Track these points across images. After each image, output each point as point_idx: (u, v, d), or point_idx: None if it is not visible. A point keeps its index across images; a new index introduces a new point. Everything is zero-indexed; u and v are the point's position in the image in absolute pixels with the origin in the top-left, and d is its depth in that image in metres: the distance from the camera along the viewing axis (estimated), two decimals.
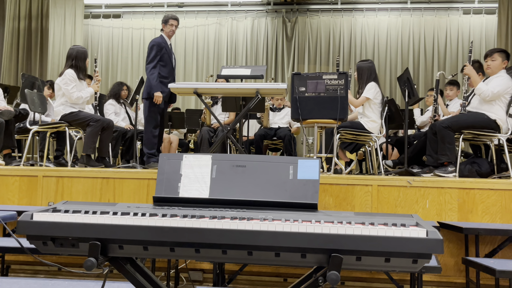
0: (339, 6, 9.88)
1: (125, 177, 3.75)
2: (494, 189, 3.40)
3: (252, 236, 1.54)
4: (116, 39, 10.45)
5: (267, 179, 1.90)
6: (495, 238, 3.32)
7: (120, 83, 6.51)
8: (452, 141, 4.25)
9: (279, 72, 9.98)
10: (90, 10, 10.38)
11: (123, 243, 1.60)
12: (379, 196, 3.49)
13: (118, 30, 10.46)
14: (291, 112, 4.62)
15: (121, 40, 10.44)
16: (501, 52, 4.42)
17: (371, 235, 1.51)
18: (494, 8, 9.12)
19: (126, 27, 10.46)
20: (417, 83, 9.27)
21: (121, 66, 10.42)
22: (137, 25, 10.43)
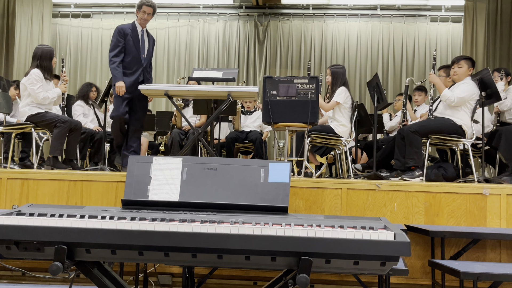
0: (310, 11, 9.98)
1: (93, 180, 3.68)
2: (459, 192, 3.49)
3: (223, 240, 1.53)
4: (86, 39, 10.27)
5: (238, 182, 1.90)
6: (460, 241, 3.40)
7: (89, 84, 6.40)
8: (419, 146, 4.34)
9: (251, 75, 10.00)
10: (59, 9, 10.17)
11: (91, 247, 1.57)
12: (348, 199, 3.53)
13: (87, 30, 10.28)
14: (262, 115, 4.63)
15: (91, 41, 10.26)
16: (467, 60, 4.54)
17: (340, 238, 1.53)
18: (460, 16, 9.39)
19: (95, 27, 10.29)
20: (386, 88, 9.44)
21: (90, 67, 10.24)
22: (107, 26, 10.27)
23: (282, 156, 7.56)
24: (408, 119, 5.57)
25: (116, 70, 4.76)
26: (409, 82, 5.51)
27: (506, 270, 2.67)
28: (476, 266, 2.77)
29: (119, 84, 4.73)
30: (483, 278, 2.55)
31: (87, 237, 1.55)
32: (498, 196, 3.45)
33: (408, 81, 5.51)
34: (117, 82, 4.74)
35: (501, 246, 3.39)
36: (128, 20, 10.17)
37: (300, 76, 6.49)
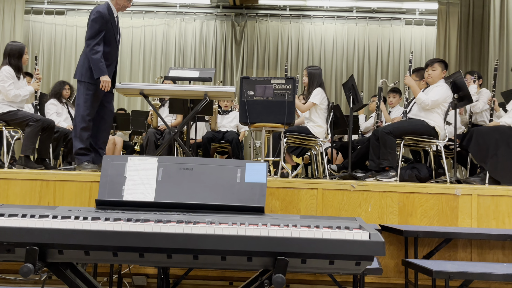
0: (287, 12, 10.03)
1: (66, 180, 3.62)
2: (432, 193, 3.55)
3: (198, 240, 1.53)
4: (59, 37, 10.09)
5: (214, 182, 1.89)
6: (433, 240, 3.46)
7: (62, 82, 6.28)
8: (394, 147, 4.40)
9: (228, 75, 9.99)
10: (32, 5, 9.97)
11: (63, 248, 1.54)
12: (324, 200, 3.56)
13: (61, 28, 10.10)
14: (239, 115, 4.63)
15: (65, 38, 10.09)
16: (440, 62, 4.63)
17: (316, 238, 1.54)
18: (434, 20, 9.57)
19: (70, 25, 10.12)
20: (361, 90, 9.55)
21: (64, 65, 10.06)
22: (82, 23, 10.10)
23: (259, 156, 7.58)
24: (382, 120, 5.64)
25: (101, 62, 4.14)
26: (383, 83, 5.59)
27: (476, 268, 2.73)
28: (448, 265, 2.82)
29: (106, 79, 4.15)
30: (455, 276, 2.61)
31: (60, 238, 1.52)
32: (470, 196, 3.53)
33: (381, 82, 5.59)
34: (102, 76, 4.14)
35: (472, 246, 3.47)
36: None
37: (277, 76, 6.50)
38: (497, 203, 3.52)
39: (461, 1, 8.64)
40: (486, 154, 4.27)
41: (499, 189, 3.61)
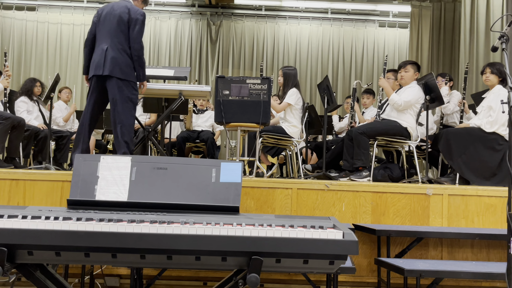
0: (263, 12, 10.05)
1: (37, 179, 3.54)
2: (404, 193, 3.61)
3: (172, 240, 1.51)
4: (30, 33, 9.87)
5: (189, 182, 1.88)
6: (405, 239, 3.52)
7: (32, 79, 6.14)
8: (367, 147, 4.46)
9: (203, 74, 9.95)
10: (1, 0, 9.72)
11: (33, 249, 1.51)
12: (299, 199, 3.58)
13: (32, 24, 9.88)
14: (214, 115, 4.62)
15: (36, 35, 9.87)
16: (413, 64, 4.72)
17: (290, 237, 1.54)
18: (407, 22, 9.73)
19: (41, 21, 9.90)
20: (335, 90, 9.65)
21: (35, 62, 9.84)
22: (54, 20, 9.91)
23: (234, 156, 7.57)
24: (356, 120, 5.71)
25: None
26: (357, 84, 5.66)
27: (447, 267, 2.79)
28: (419, 263, 2.88)
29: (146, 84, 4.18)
30: (426, 275, 2.66)
31: (30, 239, 1.49)
32: (440, 196, 3.60)
33: (356, 83, 5.65)
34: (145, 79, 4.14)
35: (443, 244, 3.54)
36: (76, 14, 9.88)
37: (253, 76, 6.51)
38: (466, 203, 3.61)
39: (433, 5, 8.82)
40: (455, 153, 4.37)
41: (468, 189, 3.70)
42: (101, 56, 3.99)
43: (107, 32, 4.02)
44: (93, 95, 4.10)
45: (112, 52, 3.98)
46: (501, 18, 6.20)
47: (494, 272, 2.70)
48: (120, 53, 4.00)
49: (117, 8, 4.07)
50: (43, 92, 6.01)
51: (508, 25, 2.70)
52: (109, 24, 4.03)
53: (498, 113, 4.33)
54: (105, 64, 3.96)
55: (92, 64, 4.06)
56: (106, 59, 3.97)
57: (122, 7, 4.07)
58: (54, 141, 5.81)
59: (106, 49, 3.98)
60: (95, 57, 4.04)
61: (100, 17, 4.10)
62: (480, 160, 4.32)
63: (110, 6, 4.13)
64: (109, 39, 4.00)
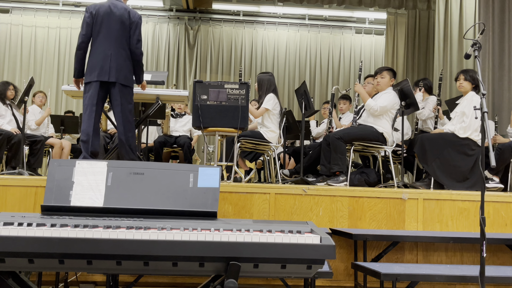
0: (241, 18, 10.07)
1: (10, 185, 3.47)
2: (380, 197, 3.65)
3: (149, 246, 1.50)
4: (4, 36, 9.67)
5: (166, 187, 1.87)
6: (381, 243, 3.55)
7: (5, 82, 6.01)
8: (344, 152, 4.50)
9: (181, 79, 9.90)
10: None
11: (5, 256, 1.48)
12: (276, 204, 3.58)
13: (5, 26, 9.69)
14: (192, 119, 4.60)
15: (9, 37, 9.68)
16: (389, 70, 4.79)
17: (268, 242, 1.54)
18: (383, 29, 9.89)
19: (15, 24, 9.72)
20: (313, 96, 9.73)
21: (8, 65, 9.65)
22: (28, 22, 9.74)
23: (212, 161, 7.54)
24: (333, 126, 5.76)
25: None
26: (335, 90, 5.71)
27: (422, 270, 2.83)
28: (395, 267, 2.91)
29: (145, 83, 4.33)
30: (402, 278, 2.69)
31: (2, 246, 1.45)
32: (416, 200, 3.65)
33: (334, 89, 5.71)
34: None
35: (418, 248, 3.59)
36: (51, 17, 9.73)
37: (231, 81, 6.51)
38: (441, 207, 3.67)
39: (408, 12, 8.98)
40: (430, 157, 4.45)
41: (443, 193, 3.76)
42: (105, 61, 3.91)
43: (109, 35, 3.95)
44: (97, 100, 3.97)
45: (118, 58, 3.95)
46: (473, 26, 6.36)
47: (468, 275, 2.75)
48: (124, 60, 3.99)
49: (115, 10, 3.99)
50: (17, 95, 5.88)
51: (480, 33, 2.77)
52: (110, 27, 3.96)
53: (471, 119, 4.43)
54: (110, 70, 3.91)
55: (92, 68, 3.93)
56: (111, 65, 3.92)
57: (121, 9, 4.01)
58: (28, 146, 5.70)
59: (110, 54, 3.92)
60: (97, 62, 3.93)
61: (97, 18, 3.97)
62: (453, 164, 4.40)
63: (106, 6, 4.00)
64: (112, 44, 3.95)
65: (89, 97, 3.94)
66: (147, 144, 5.96)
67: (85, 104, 3.99)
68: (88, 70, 3.96)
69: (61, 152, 6.26)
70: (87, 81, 3.97)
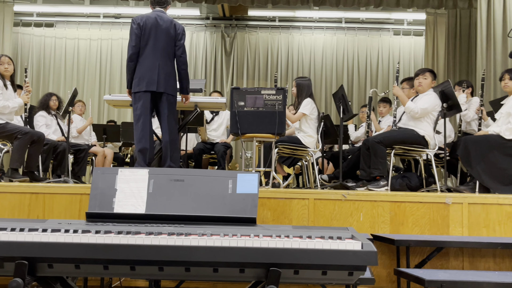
0: (277, 23, 10.09)
1: (56, 192, 3.58)
2: (423, 202, 3.56)
3: (190, 252, 1.51)
4: (49, 49, 10.06)
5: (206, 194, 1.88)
6: (424, 249, 3.46)
7: (49, 93, 6.24)
8: (384, 156, 4.42)
9: (218, 86, 10.00)
10: (21, 17, 9.93)
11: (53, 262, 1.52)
12: (316, 210, 3.55)
13: (50, 40, 10.07)
14: (230, 126, 4.63)
15: (54, 50, 10.06)
16: (431, 72, 4.68)
17: (308, 248, 1.53)
18: (422, 30, 9.68)
19: (59, 37, 10.09)
20: (351, 99, 9.62)
21: (53, 77, 10.02)
22: (71, 35, 10.09)
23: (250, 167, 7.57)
24: (373, 129, 5.67)
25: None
26: (373, 93, 5.63)
27: (468, 277, 2.73)
28: (440, 274, 2.83)
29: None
30: (447, 285, 2.61)
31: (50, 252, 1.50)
32: (460, 205, 3.54)
33: (371, 92, 5.63)
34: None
35: (464, 254, 3.48)
36: (93, 29, 10.04)
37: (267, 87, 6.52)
38: (487, 211, 3.54)
39: (448, 12, 8.76)
40: (474, 160, 4.31)
41: (489, 197, 3.63)
42: (153, 72, 4.02)
43: (156, 46, 4.07)
44: (147, 109, 4.08)
45: (165, 69, 4.07)
46: None
47: None
48: (170, 70, 4.12)
49: (161, 22, 4.11)
50: (61, 106, 6.10)
51: None
52: (157, 38, 4.08)
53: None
54: (159, 81, 4.03)
55: (141, 79, 4.04)
56: (159, 76, 4.04)
57: (167, 21, 4.14)
58: (72, 155, 5.88)
59: (158, 65, 4.04)
60: (145, 72, 4.04)
61: (145, 30, 4.09)
62: (499, 167, 4.25)
63: (153, 18, 4.12)
64: (159, 55, 4.06)
65: (140, 107, 4.05)
66: (187, 151, 6.04)
67: (137, 114, 4.10)
68: (137, 80, 4.07)
69: (103, 160, 6.43)
70: (136, 91, 4.07)
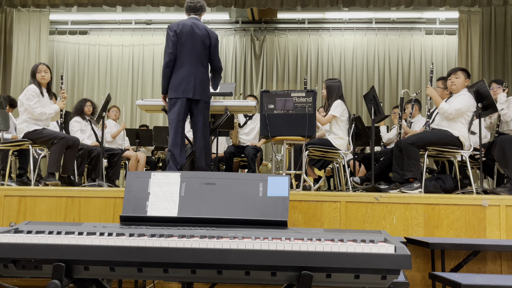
0: (306, 26, 10.06)
1: (91, 196, 3.67)
2: (458, 204, 3.48)
3: (222, 255, 1.52)
4: (83, 56, 10.31)
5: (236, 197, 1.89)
6: (460, 253, 3.38)
7: (83, 99, 6.39)
8: (417, 158, 4.34)
9: (248, 89, 10.03)
10: (56, 26, 10.22)
11: (89, 264, 1.56)
12: (348, 212, 3.52)
13: (84, 47, 10.33)
14: (260, 129, 4.64)
15: (88, 57, 10.31)
16: (464, 71, 4.57)
17: (340, 251, 1.52)
18: (455, 29, 9.47)
19: (92, 44, 10.34)
20: (382, 100, 9.49)
21: (87, 83, 10.27)
22: (104, 42, 10.32)
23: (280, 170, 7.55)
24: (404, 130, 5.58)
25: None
26: (405, 94, 5.54)
27: (507, 282, 2.65)
28: (477, 278, 2.75)
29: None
30: None
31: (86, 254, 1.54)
32: (497, 207, 3.44)
33: (403, 93, 5.54)
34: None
35: (502, 258, 3.38)
36: (125, 36, 10.25)
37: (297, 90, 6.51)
38: None
39: (482, 10, 8.54)
40: (511, 160, 4.19)
41: None
42: (189, 79, 4.13)
43: (192, 54, 4.16)
44: (182, 115, 4.18)
45: (200, 76, 4.18)
46: None
47: None
48: (205, 77, 4.24)
49: (197, 30, 4.21)
50: (95, 111, 6.24)
51: None
52: (193, 46, 4.18)
53: None
54: (195, 88, 4.14)
55: (178, 86, 4.13)
56: (196, 83, 4.14)
57: (202, 29, 4.24)
58: (106, 159, 6.01)
59: (194, 72, 4.14)
60: (181, 79, 4.13)
61: (181, 37, 4.17)
62: None
63: (189, 25, 4.21)
64: (194, 62, 4.16)
65: (176, 112, 4.14)
66: (217, 154, 6.08)
67: (172, 119, 4.18)
68: (173, 86, 4.15)
69: (136, 164, 6.54)
70: (173, 97, 4.16)
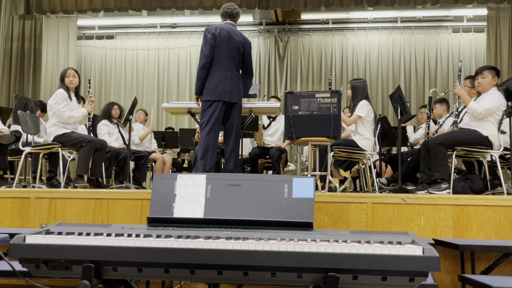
0: (330, 26, 10.00)
1: (119, 198, 3.73)
2: (488, 205, 3.41)
3: (248, 256, 1.53)
4: (109, 60, 10.49)
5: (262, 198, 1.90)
6: (491, 255, 3.31)
7: (110, 103, 6.51)
8: (445, 158, 4.27)
9: (272, 91, 10.03)
10: (83, 31, 10.43)
11: (117, 265, 1.58)
12: (374, 214, 3.48)
13: (111, 51, 10.51)
14: (284, 130, 4.63)
15: (114, 61, 10.48)
16: (490, 69, 4.47)
17: (367, 253, 1.50)
18: (483, 26, 9.27)
19: (119, 48, 10.51)
20: (409, 100, 9.35)
21: (114, 87, 10.44)
22: (130, 46, 10.48)
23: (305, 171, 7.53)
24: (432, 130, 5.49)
25: None
26: (433, 93, 5.44)
27: None
28: (508, 281, 2.69)
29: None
30: None
31: (114, 255, 1.56)
32: None
33: (431, 92, 5.45)
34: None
35: None
36: (150, 40, 10.38)
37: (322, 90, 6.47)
38: None
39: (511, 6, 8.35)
40: None
41: None
42: (226, 82, 4.22)
43: (228, 58, 4.27)
44: (219, 118, 4.25)
45: (235, 80, 4.30)
46: None
47: None
48: (239, 81, 4.35)
49: (234, 36, 4.33)
50: (122, 114, 6.34)
51: None
52: (230, 51, 4.28)
53: None
54: (231, 91, 4.24)
55: (215, 88, 4.20)
56: (232, 87, 4.24)
57: (239, 35, 4.37)
58: (133, 161, 6.09)
59: (230, 76, 4.25)
60: (218, 82, 4.21)
61: (219, 41, 4.27)
62: None
63: (226, 30, 4.31)
64: (230, 66, 4.28)
65: (211, 114, 4.20)
66: (242, 156, 6.10)
67: (205, 121, 4.22)
68: (210, 89, 4.21)
69: (163, 166, 6.62)
70: (209, 99, 4.22)
